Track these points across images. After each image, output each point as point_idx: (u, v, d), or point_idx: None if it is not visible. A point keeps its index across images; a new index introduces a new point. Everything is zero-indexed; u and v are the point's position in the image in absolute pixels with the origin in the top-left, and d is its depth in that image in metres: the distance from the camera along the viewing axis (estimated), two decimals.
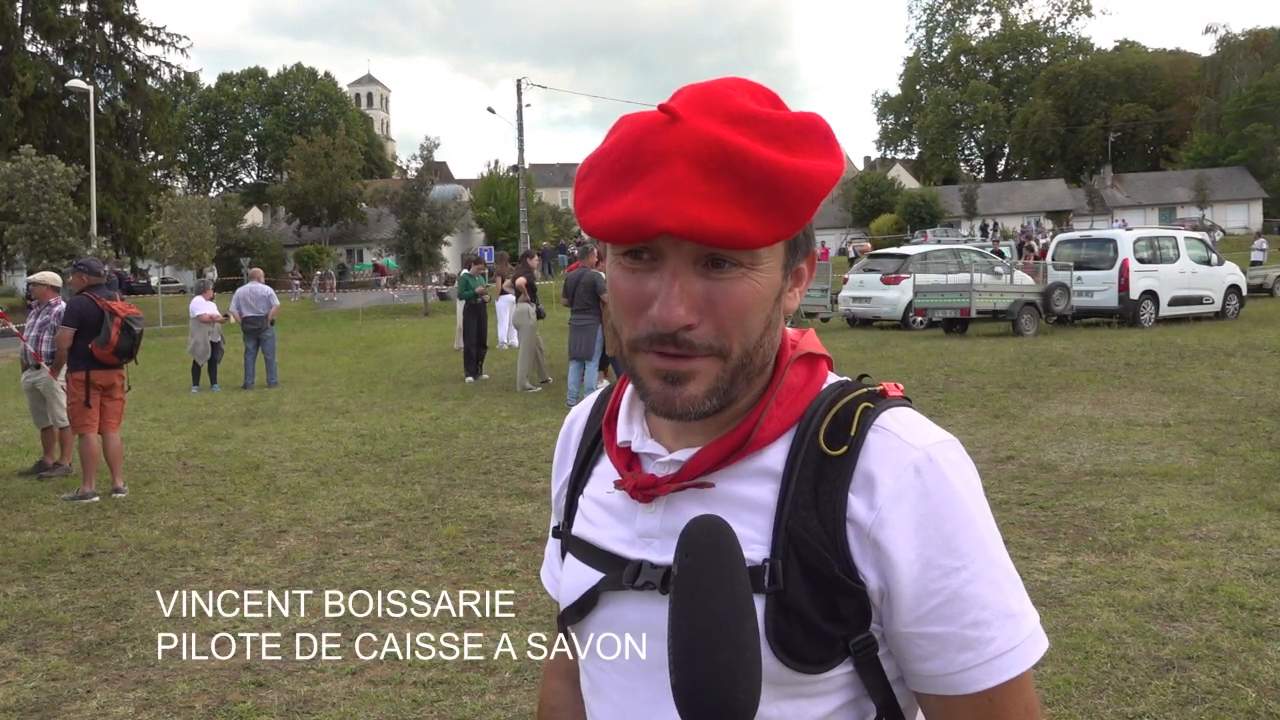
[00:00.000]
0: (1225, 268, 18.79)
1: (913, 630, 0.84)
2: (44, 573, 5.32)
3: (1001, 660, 0.83)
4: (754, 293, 0.82)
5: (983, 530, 0.85)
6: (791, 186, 0.79)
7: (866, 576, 0.84)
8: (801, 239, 0.87)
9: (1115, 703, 3.36)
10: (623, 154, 0.82)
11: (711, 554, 0.78)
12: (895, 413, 0.88)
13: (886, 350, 15.06)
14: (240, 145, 79.95)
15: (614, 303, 0.86)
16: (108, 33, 46.07)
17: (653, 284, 0.82)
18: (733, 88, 0.84)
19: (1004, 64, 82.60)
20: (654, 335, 0.82)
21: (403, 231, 33.11)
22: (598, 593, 0.93)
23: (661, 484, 0.90)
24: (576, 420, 1.09)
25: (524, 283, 13.06)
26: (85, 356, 7.08)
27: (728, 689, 0.75)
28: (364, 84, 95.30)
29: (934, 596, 0.82)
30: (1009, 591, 0.84)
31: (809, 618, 0.83)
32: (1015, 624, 0.84)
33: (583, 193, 0.84)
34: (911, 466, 0.84)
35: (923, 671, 0.85)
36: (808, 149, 0.81)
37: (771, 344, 0.88)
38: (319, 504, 6.69)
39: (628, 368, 0.87)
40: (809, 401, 0.90)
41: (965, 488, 0.85)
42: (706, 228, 0.77)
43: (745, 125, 0.80)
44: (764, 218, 0.78)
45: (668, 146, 0.79)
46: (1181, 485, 6.16)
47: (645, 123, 0.82)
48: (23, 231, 28.19)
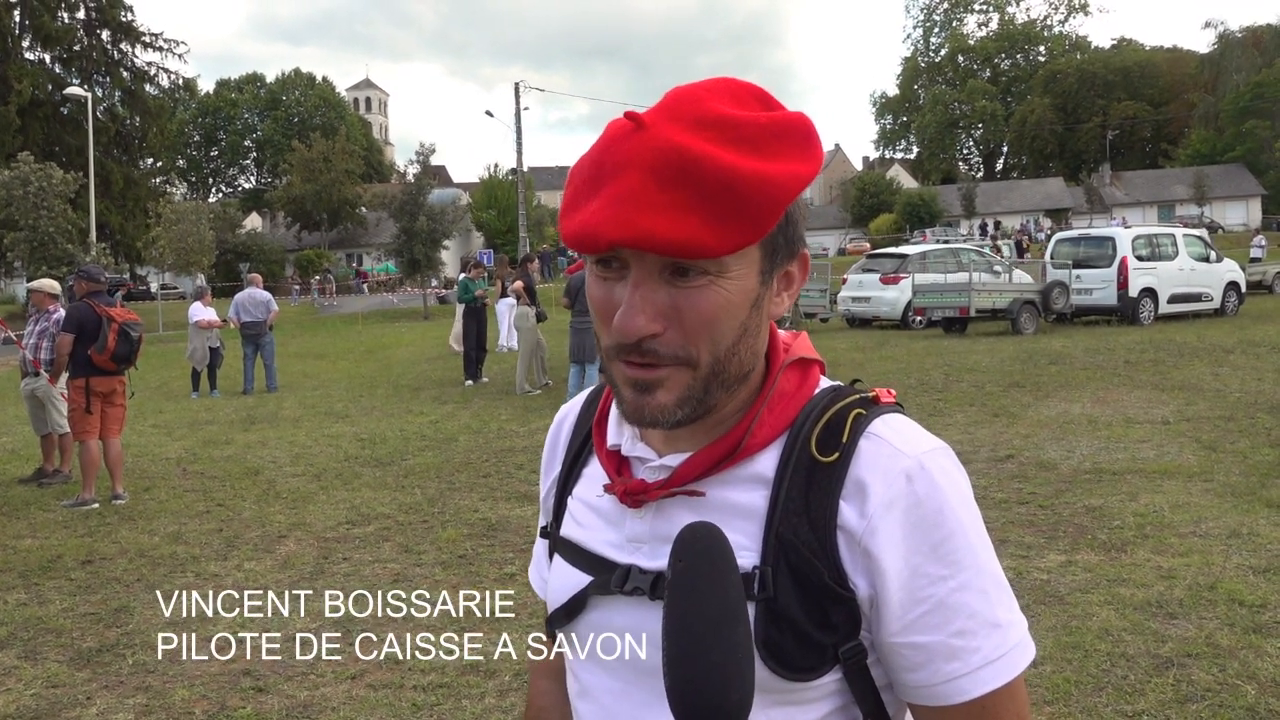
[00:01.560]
0: (1224, 265, 18.79)
1: (900, 639, 0.83)
2: (44, 580, 5.32)
3: (987, 670, 0.82)
4: (723, 300, 0.81)
5: (973, 539, 0.84)
6: (752, 193, 0.77)
7: (856, 584, 0.83)
8: (781, 242, 0.85)
9: (1115, 701, 3.36)
10: (591, 163, 0.82)
11: (705, 559, 0.78)
12: (888, 419, 0.88)
13: (886, 350, 15.07)
14: (239, 151, 79.96)
15: (591, 310, 0.87)
16: (105, 39, 46.12)
17: (619, 292, 0.82)
18: (713, 90, 0.83)
19: (1002, 63, 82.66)
20: (621, 345, 0.82)
21: (402, 235, 33.16)
22: (586, 596, 0.93)
23: (651, 490, 0.89)
24: (565, 420, 1.08)
25: (521, 286, 13.07)
26: (85, 363, 7.09)
27: (721, 690, 0.75)
28: (362, 88, 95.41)
29: (920, 605, 0.82)
30: (997, 600, 0.84)
31: (799, 625, 0.83)
32: (1001, 634, 0.83)
33: (564, 199, 0.85)
34: (903, 474, 0.83)
35: (911, 682, 0.84)
36: (781, 151, 0.80)
37: (750, 351, 0.86)
38: (319, 509, 6.69)
39: (606, 374, 0.88)
40: (800, 407, 0.89)
41: (957, 496, 0.85)
42: (658, 238, 0.76)
43: (713, 130, 0.79)
44: (723, 225, 0.77)
45: (627, 156, 0.78)
46: (1181, 482, 6.16)
47: (614, 131, 0.82)
48: (22, 239, 28.22)
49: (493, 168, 59.39)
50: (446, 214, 33.72)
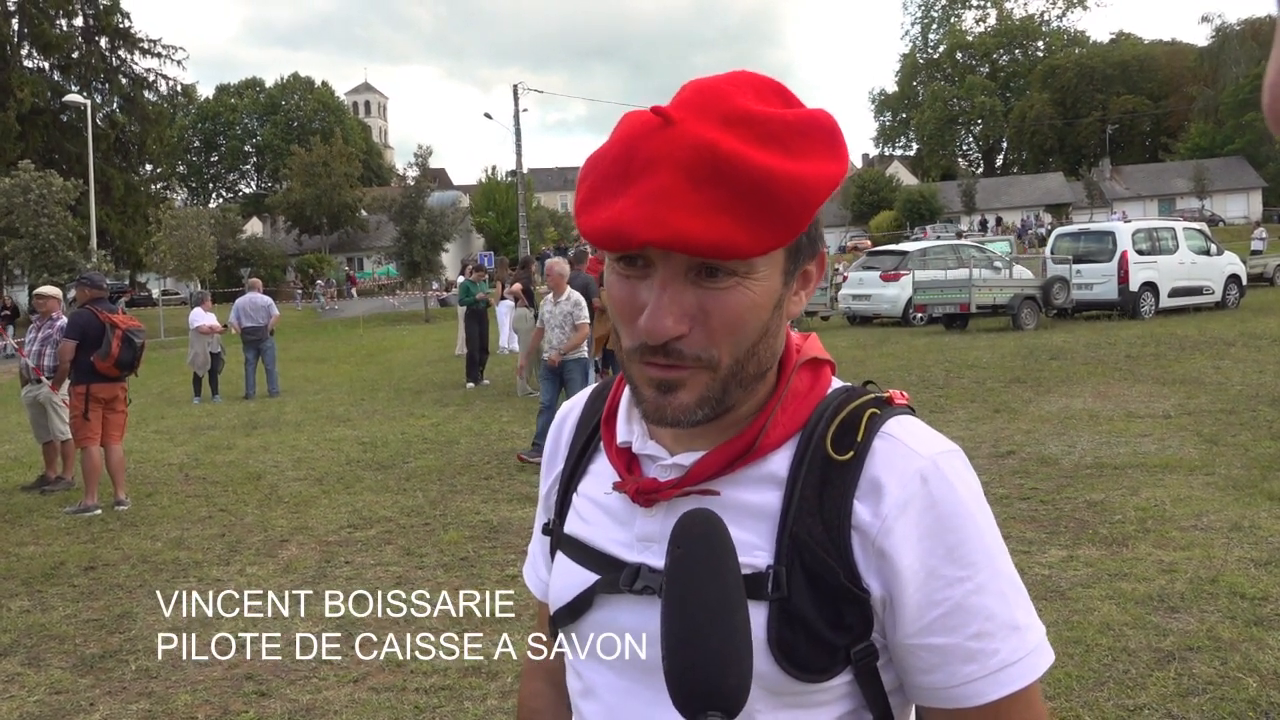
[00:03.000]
0: (1225, 257, 18.76)
1: (916, 641, 0.83)
2: (47, 586, 5.33)
3: (1006, 673, 0.82)
4: (749, 302, 0.81)
5: (989, 541, 0.84)
6: (786, 194, 0.76)
7: (870, 585, 0.83)
8: (805, 242, 0.85)
9: (1116, 695, 3.36)
10: (617, 157, 0.80)
11: (704, 545, 0.77)
12: (902, 420, 0.87)
13: (887, 347, 15.06)
14: (239, 156, 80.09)
15: (611, 309, 0.86)
16: (104, 46, 46.19)
17: (644, 292, 0.81)
18: (736, 84, 0.82)
19: (1000, 58, 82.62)
20: (645, 346, 0.81)
21: (402, 239, 33.19)
22: (593, 594, 0.92)
23: (664, 489, 0.88)
24: (569, 416, 1.07)
25: (519, 288, 13.08)
26: (86, 369, 7.09)
27: (719, 674, 0.75)
28: (361, 92, 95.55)
29: (938, 607, 0.82)
30: (1015, 603, 0.83)
31: (812, 625, 0.83)
32: (1020, 636, 0.82)
33: (581, 193, 0.83)
34: (918, 475, 0.83)
35: (926, 684, 0.84)
36: (809, 151, 0.79)
37: (769, 350, 0.86)
38: (321, 512, 6.70)
39: (626, 373, 0.87)
40: (814, 407, 0.89)
41: (971, 498, 0.84)
42: (692, 239, 0.75)
43: (742, 127, 0.78)
44: (756, 226, 0.76)
45: (658, 152, 0.77)
46: (1182, 476, 6.16)
47: (641, 124, 0.80)
48: (22, 246, 28.28)
49: (491, 170, 59.46)
50: (446, 216, 33.75)
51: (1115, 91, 71.85)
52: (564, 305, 7.90)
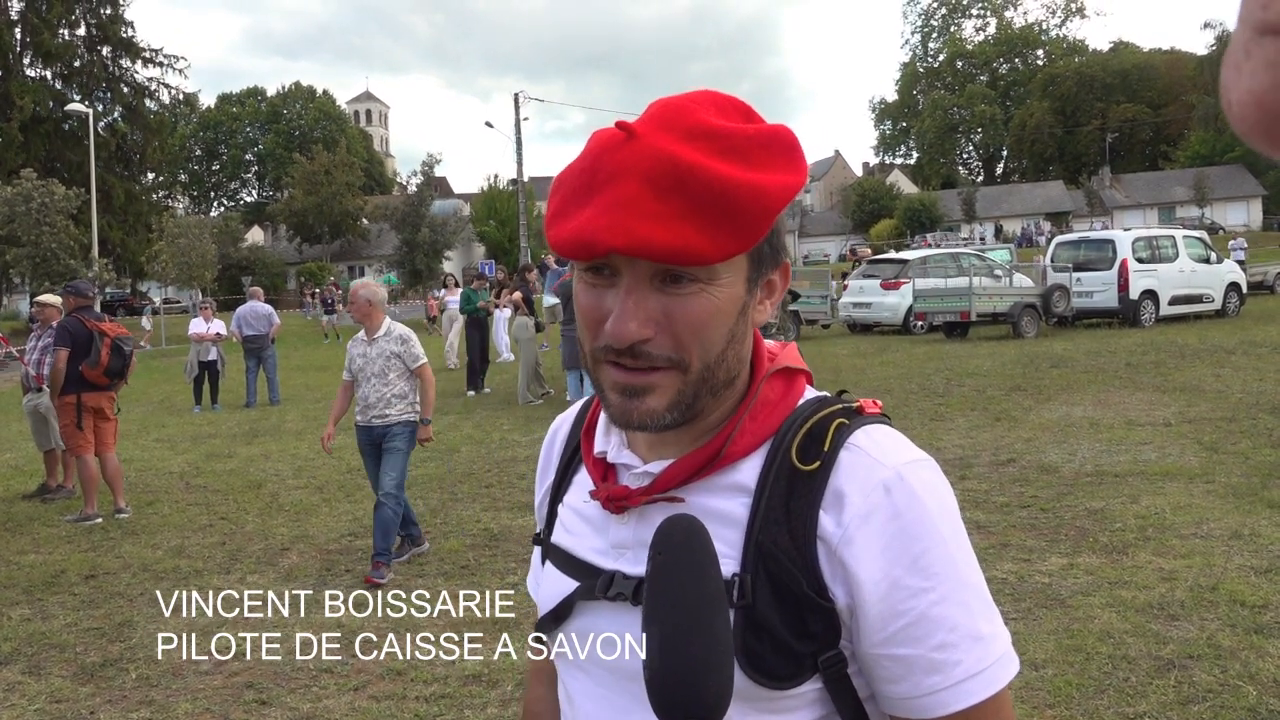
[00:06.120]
0: (1225, 265, 18.79)
1: (880, 651, 0.83)
2: (48, 595, 5.33)
3: (969, 683, 0.81)
4: (713, 307, 0.82)
5: (954, 551, 0.83)
6: (746, 202, 0.78)
7: (835, 594, 0.83)
8: (767, 251, 0.86)
9: (1116, 703, 3.36)
10: (583, 170, 0.82)
11: (685, 550, 0.78)
12: (870, 430, 0.87)
13: (887, 355, 15.06)
14: (240, 165, 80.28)
15: (577, 316, 0.87)
16: (105, 55, 46.34)
17: (610, 299, 0.83)
18: (699, 102, 0.84)
19: (1000, 67, 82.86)
20: (610, 348, 0.83)
21: (403, 247, 33.25)
22: (573, 602, 0.94)
23: (634, 496, 0.90)
24: (560, 428, 1.09)
25: (519, 297, 13.10)
26: (75, 379, 7.03)
27: (700, 681, 0.75)
28: (363, 101, 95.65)
29: (900, 618, 0.82)
30: (979, 613, 0.83)
31: (777, 633, 0.83)
32: (984, 647, 0.82)
33: (551, 207, 0.86)
34: (881, 485, 0.83)
35: (892, 694, 0.84)
36: (768, 163, 0.81)
37: (737, 357, 0.87)
38: (321, 521, 6.70)
39: (592, 378, 0.88)
40: (784, 417, 0.90)
41: (937, 508, 0.84)
42: (655, 245, 0.77)
43: (703, 140, 0.80)
44: (717, 233, 0.78)
45: (623, 164, 0.79)
46: (1182, 484, 6.16)
47: (606, 139, 0.83)
48: (24, 255, 28.37)
49: (492, 179, 59.53)
50: (448, 225, 33.80)
51: (1115, 100, 72.02)
52: (383, 344, 5.59)
